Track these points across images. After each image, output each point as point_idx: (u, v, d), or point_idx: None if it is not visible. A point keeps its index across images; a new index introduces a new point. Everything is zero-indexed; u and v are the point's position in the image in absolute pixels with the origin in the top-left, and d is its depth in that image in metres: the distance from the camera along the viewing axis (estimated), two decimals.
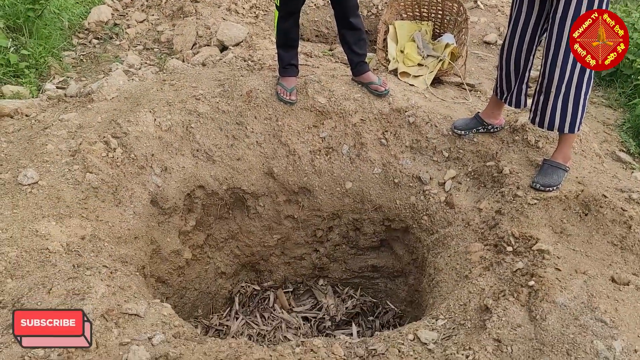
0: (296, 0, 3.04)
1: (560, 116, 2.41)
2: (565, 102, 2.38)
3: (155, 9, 5.11)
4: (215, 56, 4.04)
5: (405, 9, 3.97)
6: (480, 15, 4.73)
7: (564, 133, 2.47)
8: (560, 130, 2.45)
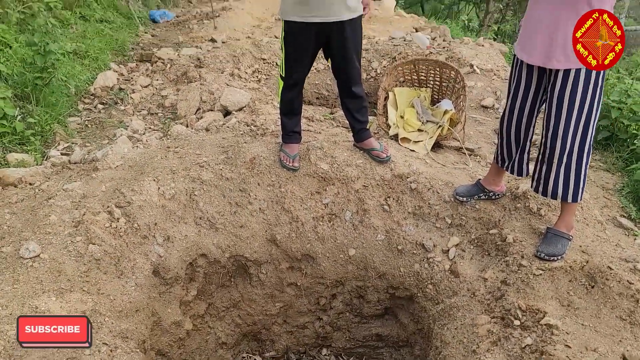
0: (301, 72, 3.12)
1: (563, 186, 2.43)
2: (568, 172, 2.41)
3: (160, 73, 5.25)
4: (218, 121, 4.11)
5: (404, 76, 4.07)
6: (476, 79, 4.85)
7: (567, 202, 2.48)
8: (564, 199, 2.47)
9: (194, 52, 5.76)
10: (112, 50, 5.67)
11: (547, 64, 2.32)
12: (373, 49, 5.99)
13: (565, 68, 2.28)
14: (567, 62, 2.26)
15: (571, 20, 2.20)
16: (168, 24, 7.41)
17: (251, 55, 5.67)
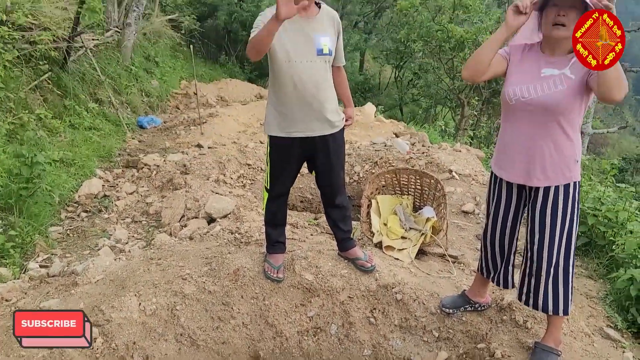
0: (286, 184, 3.19)
1: (553, 299, 2.44)
2: (556, 286, 2.43)
3: (146, 180, 5.31)
4: (202, 229, 4.12)
5: (386, 184, 4.19)
6: (456, 185, 4.99)
7: (556, 315, 2.47)
8: (555, 312, 2.45)
9: (180, 157, 5.89)
10: (98, 157, 5.76)
11: (528, 182, 2.41)
12: (355, 154, 6.19)
13: (545, 186, 2.37)
14: (546, 181, 2.36)
15: (546, 141, 2.32)
16: (155, 130, 7.62)
17: (236, 161, 5.81)
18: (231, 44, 13.23)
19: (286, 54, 2.81)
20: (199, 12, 12.38)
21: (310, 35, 2.86)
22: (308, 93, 2.87)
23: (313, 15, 2.91)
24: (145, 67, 9.14)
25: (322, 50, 2.88)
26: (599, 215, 3.75)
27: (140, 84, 8.54)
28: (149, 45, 9.75)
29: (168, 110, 9.07)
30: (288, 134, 2.96)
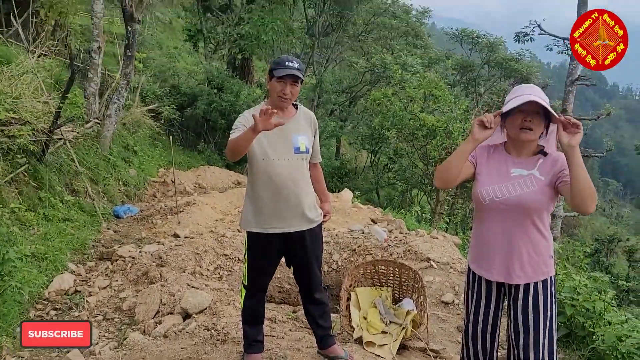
0: (264, 281, 3.17)
1: None
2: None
3: (120, 273, 5.19)
4: (178, 325, 3.99)
5: (364, 276, 4.17)
6: (434, 274, 5.00)
7: None
8: None
9: (157, 248, 5.79)
10: (71, 250, 5.65)
11: (508, 280, 2.44)
12: (333, 242, 6.19)
13: (525, 283, 2.41)
14: (526, 278, 2.40)
15: (523, 240, 2.39)
16: (132, 219, 7.55)
17: (213, 252, 5.75)
18: (210, 132, 13.50)
19: (265, 153, 2.90)
20: (178, 101, 12.71)
21: (288, 134, 2.97)
22: (286, 190, 2.93)
23: (291, 116, 3.04)
24: (124, 156, 9.21)
25: (299, 149, 2.99)
26: (577, 306, 3.77)
27: (118, 173, 8.56)
28: (128, 134, 9.89)
29: (145, 198, 9.05)
30: (266, 230, 2.98)
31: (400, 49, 19.39)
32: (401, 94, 13.02)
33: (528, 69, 22.92)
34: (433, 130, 11.61)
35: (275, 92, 2.90)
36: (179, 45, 18.03)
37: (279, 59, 2.96)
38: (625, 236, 19.88)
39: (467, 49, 24.44)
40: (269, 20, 12.40)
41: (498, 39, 23.51)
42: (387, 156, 16.73)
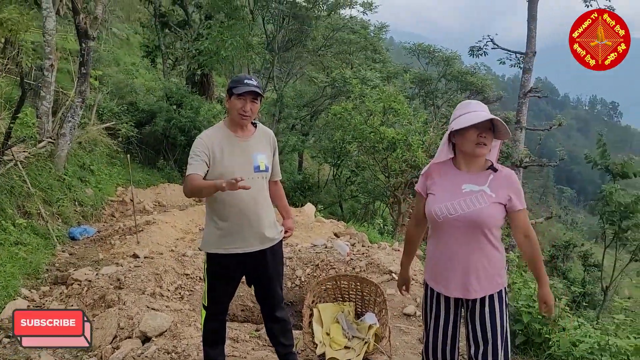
0: (224, 301, 3.13)
1: None
2: None
3: (75, 298, 5.02)
4: (136, 350, 3.88)
5: (327, 292, 4.17)
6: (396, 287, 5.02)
7: None
8: None
9: (114, 270, 5.65)
10: (24, 275, 5.44)
11: (466, 296, 2.49)
12: (296, 257, 6.17)
13: (482, 296, 2.46)
14: (482, 292, 2.46)
15: (478, 254, 2.44)
16: (88, 241, 7.35)
17: (174, 272, 5.64)
18: (169, 148, 13.31)
19: (223, 173, 2.88)
20: (136, 119, 12.49)
21: (247, 153, 2.97)
22: (246, 209, 2.92)
23: (250, 135, 3.04)
24: (80, 175, 8.97)
25: (259, 167, 2.99)
26: (533, 313, 3.86)
27: (74, 193, 8.32)
28: (84, 153, 9.64)
29: (103, 218, 8.82)
30: (226, 250, 2.96)
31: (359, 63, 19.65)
32: (361, 107, 13.15)
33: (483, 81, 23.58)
34: (393, 142, 11.76)
35: (235, 109, 2.90)
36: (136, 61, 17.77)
37: (237, 77, 2.97)
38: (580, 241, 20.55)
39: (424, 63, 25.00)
40: (228, 36, 12.38)
41: (453, 53, 24.13)
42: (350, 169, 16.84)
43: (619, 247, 9.33)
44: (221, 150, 2.86)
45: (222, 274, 3.01)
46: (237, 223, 2.92)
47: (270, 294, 3.13)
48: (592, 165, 9.77)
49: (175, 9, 15.27)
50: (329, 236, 7.66)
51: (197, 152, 2.83)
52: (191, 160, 2.82)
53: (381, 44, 22.05)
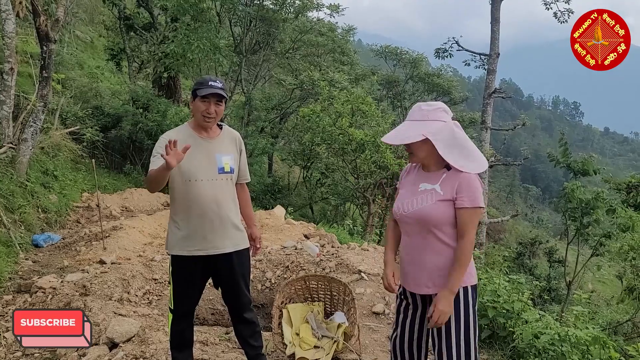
0: (190, 303, 3.11)
1: None
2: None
3: (40, 306, 4.89)
4: (103, 357, 3.82)
5: (296, 292, 4.19)
6: (365, 286, 5.09)
7: None
8: None
9: (80, 277, 5.54)
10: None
11: (417, 291, 2.53)
12: (266, 259, 6.17)
13: (434, 293, 2.48)
14: (435, 288, 2.47)
15: (427, 251, 2.47)
16: (53, 248, 7.18)
17: (142, 277, 5.57)
18: (136, 152, 13.12)
19: (187, 174, 2.88)
20: (102, 123, 12.26)
21: (212, 154, 2.97)
22: (209, 211, 2.91)
23: (215, 136, 3.04)
24: (43, 181, 8.76)
25: (223, 169, 2.98)
26: (498, 307, 3.96)
27: (37, 199, 8.13)
28: (47, 159, 9.42)
29: (68, 225, 8.63)
30: (190, 252, 2.94)
31: (327, 65, 19.74)
32: (330, 109, 13.23)
33: (449, 83, 24.01)
34: (362, 144, 11.87)
35: (199, 111, 2.90)
36: (101, 64, 17.45)
37: (201, 79, 2.96)
38: (545, 238, 21.12)
39: (392, 65, 25.30)
40: (195, 38, 12.28)
41: (420, 55, 24.48)
42: (319, 171, 16.92)
43: (581, 243, 9.61)
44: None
45: (186, 276, 2.99)
46: (198, 224, 2.91)
47: (237, 296, 3.12)
48: (554, 163, 10.05)
49: (141, 11, 15.07)
50: (299, 238, 7.68)
51: (159, 150, 2.81)
52: (153, 159, 2.80)
53: (349, 46, 22.20)
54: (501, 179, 47.88)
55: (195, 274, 3.00)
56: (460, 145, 2.45)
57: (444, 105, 2.54)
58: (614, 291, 15.80)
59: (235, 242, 3.01)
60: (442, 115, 2.47)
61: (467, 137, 2.50)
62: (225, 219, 2.96)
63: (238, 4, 15.10)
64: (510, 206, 37.73)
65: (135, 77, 14.98)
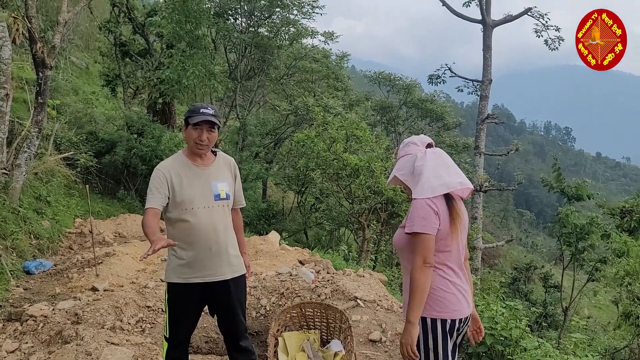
0: (186, 332, 3.07)
1: None
2: None
3: (30, 335, 4.82)
4: None
5: (292, 320, 4.14)
6: (362, 313, 5.03)
7: None
8: None
9: (72, 305, 5.45)
10: None
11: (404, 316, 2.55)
12: (261, 286, 6.10)
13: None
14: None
15: (406, 277, 2.50)
16: (44, 275, 7.08)
17: (135, 304, 5.48)
18: (130, 178, 13.08)
19: (184, 202, 2.87)
20: (96, 148, 12.26)
21: (208, 181, 2.96)
22: (207, 238, 2.89)
23: (210, 163, 3.03)
24: (36, 207, 8.69)
25: (219, 196, 2.98)
26: (495, 334, 3.92)
27: (29, 225, 8.05)
28: (40, 184, 9.37)
29: (60, 251, 8.53)
30: (187, 280, 2.91)
31: (321, 91, 19.94)
32: (324, 135, 13.30)
33: (442, 109, 24.27)
34: (356, 169, 11.90)
35: (192, 139, 2.90)
36: (96, 90, 17.53)
37: (193, 106, 2.98)
38: (540, 263, 21.08)
39: (386, 90, 25.58)
40: (190, 64, 12.39)
41: (413, 81, 24.79)
42: (314, 196, 16.92)
43: (577, 268, 9.62)
44: (180, 180, 2.86)
45: (183, 304, 2.96)
46: (197, 252, 2.89)
47: (234, 323, 3.08)
48: (548, 188, 10.11)
49: (136, 38, 15.22)
50: (293, 264, 7.62)
51: (155, 184, 2.81)
52: (149, 194, 2.81)
53: (343, 73, 22.47)
54: (495, 204, 48.04)
55: (192, 302, 2.96)
56: (416, 173, 2.46)
57: (415, 137, 2.61)
58: (610, 316, 15.74)
59: (233, 269, 2.99)
60: (409, 149, 2.57)
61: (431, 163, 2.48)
62: (223, 245, 2.94)
63: (233, 31, 15.30)
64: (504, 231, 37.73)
65: (130, 102, 15.05)
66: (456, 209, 2.43)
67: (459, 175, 2.48)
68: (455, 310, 2.41)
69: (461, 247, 2.49)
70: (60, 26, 8.44)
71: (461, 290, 2.46)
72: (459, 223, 2.44)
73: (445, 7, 17.20)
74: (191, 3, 12.52)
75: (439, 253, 2.39)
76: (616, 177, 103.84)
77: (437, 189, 2.39)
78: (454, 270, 2.46)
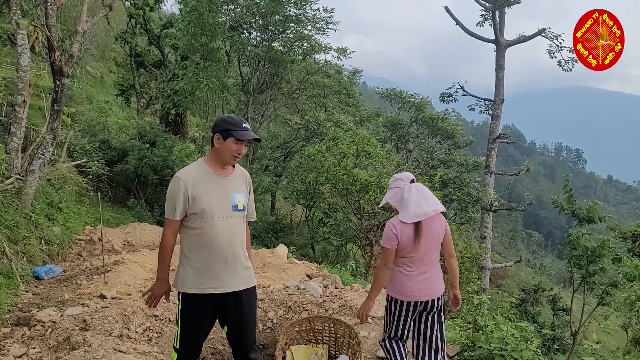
0: (197, 344, 3.06)
1: None
2: None
3: (38, 340, 4.83)
4: None
5: (300, 334, 4.12)
6: (370, 329, 5.00)
7: None
8: None
9: (80, 311, 5.47)
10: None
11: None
12: (268, 299, 6.09)
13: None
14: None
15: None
16: (54, 280, 7.11)
17: (142, 313, 5.49)
18: (141, 187, 13.14)
19: (204, 211, 2.88)
20: (108, 156, 12.35)
21: (227, 191, 2.98)
22: (222, 249, 2.90)
23: (229, 173, 3.05)
24: (47, 213, 8.75)
25: (237, 207, 2.99)
26: (506, 356, 3.88)
27: (40, 231, 8.10)
28: (52, 191, 9.44)
29: (70, 257, 8.56)
30: (202, 290, 2.92)
31: (333, 106, 20.01)
32: (334, 150, 13.32)
33: (453, 127, 24.23)
34: (366, 185, 11.88)
35: (230, 151, 2.91)
36: (110, 99, 17.72)
37: (231, 119, 2.96)
38: (548, 285, 20.87)
39: (397, 107, 25.62)
40: (204, 76, 12.51)
41: (424, 99, 24.81)
42: (322, 211, 16.88)
43: (587, 291, 9.49)
44: (201, 189, 2.87)
45: (197, 315, 2.95)
46: (213, 262, 2.89)
47: (244, 335, 3.08)
48: (559, 210, 10.03)
49: (152, 49, 15.41)
50: (301, 278, 7.60)
51: (175, 194, 2.83)
52: (169, 203, 2.84)
53: (354, 88, 22.55)
54: (504, 224, 47.68)
55: (206, 313, 2.96)
56: (403, 203, 3.38)
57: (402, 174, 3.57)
58: (619, 342, 15.49)
59: (245, 281, 2.99)
60: (397, 183, 3.49)
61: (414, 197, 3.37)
62: (237, 256, 2.95)
63: (247, 44, 15.45)
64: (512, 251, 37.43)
65: (143, 112, 15.18)
66: (420, 230, 3.31)
67: (434, 204, 3.40)
68: (409, 295, 3.41)
69: (430, 250, 3.39)
70: (79, 35, 8.57)
71: (420, 282, 3.39)
72: (422, 238, 3.32)
73: (459, 26, 17.29)
74: (207, 16, 12.68)
75: (401, 257, 3.38)
76: (627, 200, 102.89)
77: (418, 216, 3.32)
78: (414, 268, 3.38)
